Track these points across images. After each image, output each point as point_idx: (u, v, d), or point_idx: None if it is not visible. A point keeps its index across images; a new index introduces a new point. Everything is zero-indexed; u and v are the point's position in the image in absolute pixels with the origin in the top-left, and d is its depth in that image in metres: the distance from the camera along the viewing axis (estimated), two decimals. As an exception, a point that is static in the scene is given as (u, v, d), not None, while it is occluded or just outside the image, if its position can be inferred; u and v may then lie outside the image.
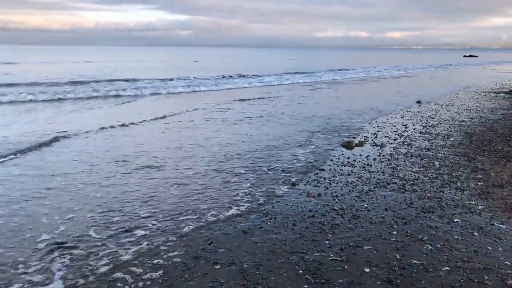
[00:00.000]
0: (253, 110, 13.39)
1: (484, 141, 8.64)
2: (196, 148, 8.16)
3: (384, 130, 10.14)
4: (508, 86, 21.88)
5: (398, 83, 24.85)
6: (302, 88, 21.43)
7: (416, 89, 20.62)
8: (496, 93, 18.18)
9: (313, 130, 10.02)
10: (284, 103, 15.15)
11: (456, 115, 12.18)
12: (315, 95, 18.12)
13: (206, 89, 19.97)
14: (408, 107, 14.11)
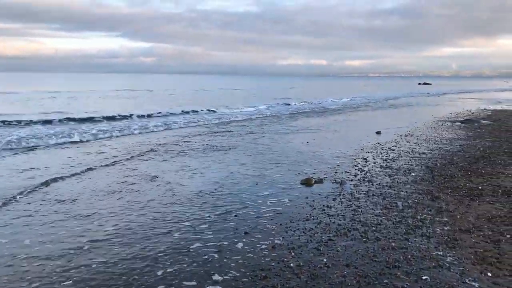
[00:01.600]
0: (199, 143, 12.78)
1: (446, 176, 8.35)
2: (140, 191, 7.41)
3: (344, 164, 9.73)
4: (462, 114, 22.37)
5: (358, 113, 24.98)
6: (260, 120, 21.06)
7: (376, 119, 20.69)
8: (452, 122, 18.42)
9: (269, 166, 9.47)
10: (238, 137, 14.63)
11: (416, 147, 12.00)
12: (271, 128, 17.75)
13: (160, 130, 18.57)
14: (368, 138, 13.89)
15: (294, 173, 8.75)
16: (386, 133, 15.01)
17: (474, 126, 17.00)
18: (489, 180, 7.99)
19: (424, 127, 16.77)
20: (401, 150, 11.52)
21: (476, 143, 12.47)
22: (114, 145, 12.39)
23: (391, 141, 13.14)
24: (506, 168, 9.05)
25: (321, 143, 12.75)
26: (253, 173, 8.74)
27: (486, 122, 18.31)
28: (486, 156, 10.40)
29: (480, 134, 14.55)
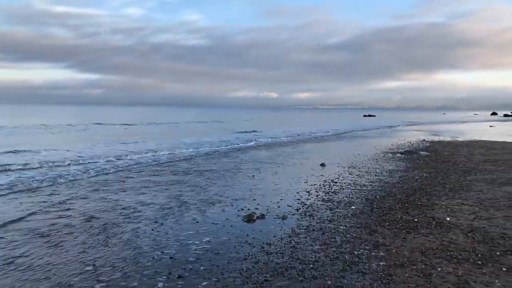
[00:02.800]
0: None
1: (384, 208, 8.52)
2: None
3: (288, 197, 9.73)
4: (403, 145, 23.33)
5: (305, 145, 25.40)
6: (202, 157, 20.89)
7: (322, 151, 21.10)
8: (393, 153, 19.11)
9: (211, 202, 9.28)
10: (181, 174, 14.36)
11: (357, 179, 12.27)
12: (219, 162, 17.63)
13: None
14: (312, 170, 14.07)
15: (236, 209, 8.61)
16: (330, 165, 15.29)
17: (413, 157, 17.73)
18: (425, 212, 8.24)
19: (367, 158, 17.26)
20: (344, 182, 11.72)
21: (414, 175, 12.95)
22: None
23: (335, 173, 13.37)
24: (440, 199, 9.40)
25: (267, 176, 12.74)
26: (194, 210, 8.50)
27: (424, 153, 19.17)
28: (423, 187, 10.78)
29: (419, 165, 15.15)
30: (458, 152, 19.30)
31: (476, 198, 9.41)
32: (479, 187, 10.78)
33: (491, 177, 12.30)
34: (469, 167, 14.44)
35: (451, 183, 11.39)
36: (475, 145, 23.00)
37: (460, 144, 23.89)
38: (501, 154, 18.48)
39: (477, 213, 8.09)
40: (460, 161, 16.12)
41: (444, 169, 14.07)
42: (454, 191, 10.24)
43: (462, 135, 33.92)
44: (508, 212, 8.16)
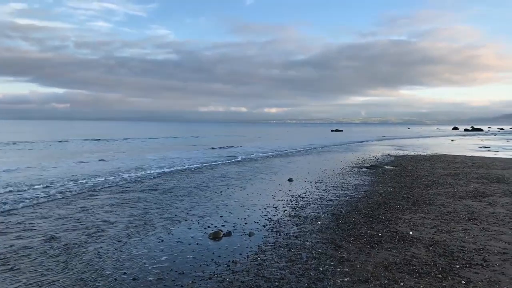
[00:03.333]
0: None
1: (349, 223, 8.63)
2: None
3: (255, 213, 9.71)
4: (368, 160, 23.81)
5: (273, 160, 25.48)
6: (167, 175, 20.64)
7: (290, 166, 21.23)
8: (359, 168, 19.47)
9: (178, 220, 9.15)
10: (149, 191, 14.13)
11: (324, 194, 12.40)
12: (187, 179, 17.45)
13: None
14: (280, 185, 14.13)
15: (203, 227, 8.51)
16: (298, 180, 15.41)
17: (379, 171, 18.11)
18: (389, 226, 8.40)
19: (334, 173, 17.50)
20: (310, 197, 11.82)
21: (379, 189, 13.21)
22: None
23: (302, 188, 13.48)
24: (404, 213, 9.61)
25: (235, 192, 12.69)
26: (159, 229, 8.35)
27: (389, 167, 19.62)
28: (387, 201, 11.01)
29: (383, 179, 15.48)
30: (421, 166, 19.86)
31: (437, 212, 9.68)
32: (441, 200, 11.10)
33: (452, 190, 12.70)
34: (431, 181, 14.87)
35: (414, 197, 11.69)
36: (437, 159, 23.75)
37: (423, 158, 24.60)
38: (461, 168, 19.13)
39: (438, 226, 8.32)
40: (423, 175, 16.59)
41: (407, 183, 14.43)
42: (417, 205, 10.50)
43: (425, 149, 34.96)
44: (467, 225, 8.43)
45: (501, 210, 9.78)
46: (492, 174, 16.45)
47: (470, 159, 24.26)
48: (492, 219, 8.89)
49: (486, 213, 9.53)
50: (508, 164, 20.78)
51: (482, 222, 8.63)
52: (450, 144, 43.88)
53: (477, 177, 15.75)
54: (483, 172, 17.37)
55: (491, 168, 19.01)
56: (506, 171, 17.60)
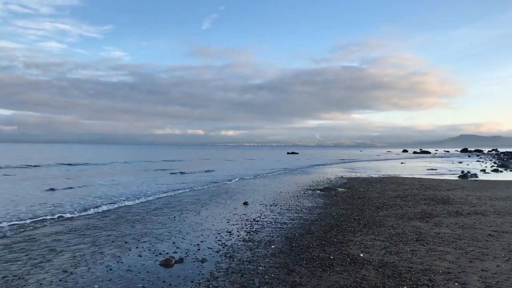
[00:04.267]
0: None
1: (302, 247, 8.69)
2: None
3: (208, 239, 9.58)
4: (322, 182, 24.24)
5: (229, 184, 25.38)
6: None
7: (246, 189, 21.21)
8: (313, 191, 19.76)
9: (128, 247, 8.86)
10: (100, 215, 13.65)
11: (279, 217, 12.46)
12: (134, 205, 17.00)
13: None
14: (235, 209, 14.05)
15: (154, 254, 8.29)
16: (253, 203, 15.40)
17: (332, 194, 18.46)
18: (340, 248, 8.53)
19: (288, 196, 17.65)
20: (265, 221, 11.83)
21: (331, 211, 13.44)
22: None
23: (257, 211, 13.48)
24: (355, 235, 9.81)
25: (189, 217, 12.48)
26: (108, 257, 8.04)
27: (342, 189, 20.06)
28: (339, 224, 11.21)
29: (336, 201, 15.79)
30: (372, 188, 20.45)
31: (387, 233, 9.95)
32: (390, 222, 11.44)
33: (401, 212, 13.13)
34: (381, 202, 15.33)
35: (365, 219, 11.98)
36: (388, 181, 24.56)
37: (375, 181, 25.36)
38: (410, 189, 19.88)
39: (387, 248, 8.54)
40: (374, 197, 17.07)
41: (359, 205, 14.79)
42: (368, 227, 10.75)
43: (376, 171, 36.09)
44: (415, 246, 8.72)
45: (446, 231, 10.20)
46: (439, 196, 17.19)
47: (419, 181, 25.28)
48: (438, 240, 9.24)
49: (432, 233, 9.90)
50: (453, 186, 21.82)
51: (428, 243, 8.95)
52: (400, 167, 45.56)
53: (424, 198, 16.40)
54: (430, 193, 18.12)
55: (438, 189, 19.88)
56: (451, 192, 18.45)
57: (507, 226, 10.62)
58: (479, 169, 37.51)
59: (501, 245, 8.63)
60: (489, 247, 8.51)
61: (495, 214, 12.54)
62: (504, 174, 33.01)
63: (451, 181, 25.13)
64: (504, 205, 14.39)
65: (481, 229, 10.35)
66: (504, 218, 11.85)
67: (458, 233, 9.92)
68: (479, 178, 28.48)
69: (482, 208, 13.63)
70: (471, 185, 22.50)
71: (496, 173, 33.52)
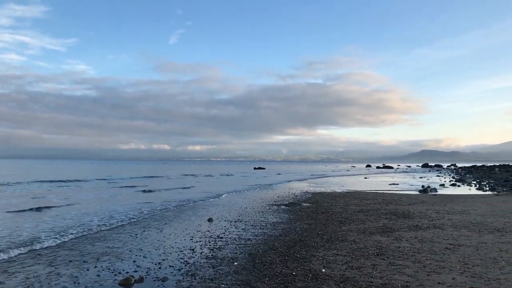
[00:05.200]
0: None
1: (266, 263, 8.68)
2: None
3: (171, 257, 9.41)
4: (287, 198, 24.37)
5: (195, 200, 25.10)
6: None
7: (211, 205, 21.04)
8: (278, 206, 19.83)
9: (85, 266, 8.57)
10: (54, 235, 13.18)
11: (243, 233, 12.41)
12: (96, 220, 16.54)
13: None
14: (199, 226, 13.90)
15: (113, 273, 8.05)
16: (218, 220, 15.28)
17: (296, 209, 18.58)
18: (303, 264, 8.57)
19: (254, 211, 17.63)
20: (229, 237, 11.75)
21: (296, 226, 13.52)
22: None
23: (221, 228, 13.38)
24: (318, 250, 9.89)
25: (151, 235, 12.24)
26: (64, 277, 7.74)
27: (306, 204, 20.23)
28: (303, 239, 11.28)
29: (300, 216, 15.90)
30: (336, 203, 20.75)
31: (349, 248, 10.09)
32: (353, 237, 11.61)
33: (363, 226, 13.37)
34: (344, 217, 15.56)
35: (328, 233, 12.11)
36: (351, 196, 24.99)
37: (338, 195, 25.75)
38: (372, 204, 20.29)
39: (349, 263, 8.65)
40: (337, 211, 17.31)
41: (323, 220, 14.95)
42: (331, 242, 10.87)
43: (341, 186, 36.67)
44: (376, 260, 8.87)
45: (406, 245, 10.45)
46: (400, 210, 17.62)
47: (381, 195, 25.86)
48: (398, 254, 9.45)
49: (393, 248, 10.11)
50: (414, 200, 22.44)
51: (389, 257, 9.13)
52: (364, 181, 46.49)
53: (386, 213, 16.77)
54: (392, 208, 18.55)
55: (399, 204, 20.39)
56: (411, 207, 18.97)
57: (462, 239, 11.00)
58: (438, 184, 38.78)
59: (457, 258, 8.92)
60: (446, 260, 8.78)
61: (452, 227, 12.98)
62: (462, 188, 34.28)
63: (412, 196, 25.85)
64: (460, 218, 14.91)
65: (438, 242, 10.67)
66: (460, 231, 12.28)
67: (417, 246, 10.18)
68: (439, 192, 29.45)
69: (440, 222, 14.07)
70: (431, 199, 23.22)
71: (454, 188, 34.76)
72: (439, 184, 38.05)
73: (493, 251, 9.54)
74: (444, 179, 48.86)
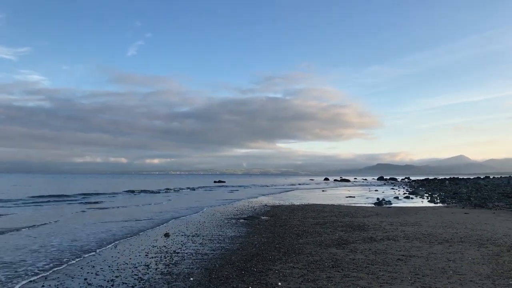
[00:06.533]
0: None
1: (222, 278, 8.60)
2: None
3: (124, 274, 9.14)
4: (246, 211, 24.35)
5: (152, 213, 24.58)
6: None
7: (168, 220, 20.66)
8: (237, 219, 19.76)
9: (32, 285, 8.17)
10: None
11: (200, 248, 12.26)
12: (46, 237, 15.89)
13: None
14: (155, 241, 13.60)
15: (62, 292, 7.71)
16: (175, 234, 15.01)
17: (255, 222, 18.58)
18: (259, 278, 8.56)
19: (212, 225, 17.47)
20: (186, 252, 11.57)
21: (253, 240, 13.50)
22: None
23: (178, 243, 13.15)
24: (274, 263, 9.91)
25: (103, 251, 11.85)
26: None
27: (265, 218, 20.28)
28: (260, 252, 11.28)
29: (259, 230, 15.90)
30: (294, 216, 20.93)
31: (305, 261, 10.17)
32: (309, 249, 11.73)
33: (320, 239, 13.54)
34: (302, 230, 15.71)
35: (286, 246, 12.18)
36: (309, 209, 25.30)
37: (297, 208, 26.00)
38: (329, 216, 20.62)
39: (305, 275, 8.72)
40: (295, 224, 17.46)
41: (280, 233, 15.02)
42: (288, 255, 10.93)
43: (299, 199, 37.05)
44: (331, 272, 8.99)
45: (360, 256, 10.67)
46: (355, 222, 18.01)
47: (338, 208, 26.34)
48: (352, 266, 9.62)
49: (348, 260, 10.30)
50: (369, 213, 23.01)
51: (343, 269, 9.28)
52: (322, 194, 47.21)
53: (342, 225, 17.08)
54: (348, 220, 18.93)
55: (355, 216, 20.84)
56: (366, 219, 19.43)
57: (414, 250, 11.37)
58: (393, 197, 39.97)
59: (408, 269, 9.20)
60: (398, 271, 9.03)
61: (404, 239, 13.39)
62: (415, 200, 35.50)
63: (367, 208, 26.50)
64: (412, 230, 15.42)
65: (391, 254, 10.97)
66: (412, 242, 12.69)
67: (371, 258, 10.42)
68: (393, 205, 30.34)
69: (394, 234, 14.49)
70: (385, 212, 23.89)
71: (408, 200, 35.95)
72: (394, 197, 39.23)
73: (442, 261, 9.92)
74: (398, 192, 50.45)
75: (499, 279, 8.30)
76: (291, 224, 17.49)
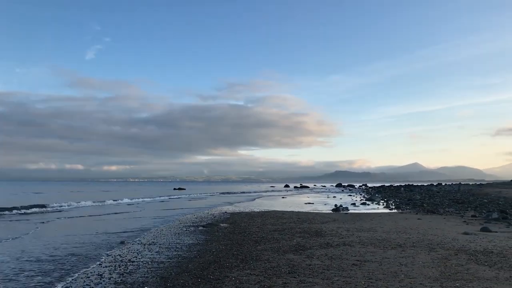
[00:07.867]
0: None
1: (177, 286, 8.48)
2: None
3: (75, 284, 8.82)
4: (206, 218, 24.15)
5: (108, 220, 23.93)
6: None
7: (125, 228, 20.16)
8: (196, 227, 19.56)
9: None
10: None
11: (156, 256, 12.03)
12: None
13: None
14: (110, 250, 13.22)
15: (7, 304, 7.34)
16: (130, 242, 14.66)
17: (214, 229, 18.45)
18: (216, 285, 8.49)
19: (170, 233, 17.20)
20: (141, 261, 11.32)
21: (211, 247, 13.40)
22: None
23: (134, 251, 12.85)
24: (232, 271, 9.87)
25: (56, 260, 11.39)
26: None
27: (224, 225, 20.19)
28: (217, 260, 11.20)
29: (217, 237, 15.81)
30: (253, 223, 20.96)
31: (262, 267, 10.20)
32: (267, 256, 11.77)
33: (278, 245, 13.62)
34: (260, 236, 15.75)
35: (244, 253, 12.16)
36: (268, 216, 25.41)
37: (256, 215, 26.06)
38: (288, 223, 20.80)
39: (261, 282, 8.73)
40: (254, 231, 17.48)
41: (239, 240, 14.99)
42: (245, 262, 10.92)
43: (259, 206, 37.16)
44: (287, 278, 9.06)
45: (317, 262, 10.81)
46: (313, 228, 18.25)
47: (296, 214, 26.61)
48: (308, 271, 9.74)
49: (304, 265, 10.41)
50: (327, 219, 23.39)
51: (300, 275, 9.37)
52: (281, 201, 47.58)
53: (300, 231, 17.27)
54: (306, 226, 19.16)
55: (313, 222, 21.12)
56: (324, 225, 19.74)
57: (368, 255, 11.65)
58: (350, 203, 40.85)
59: (363, 273, 9.41)
60: (352, 275, 9.22)
61: (360, 244, 13.70)
62: (371, 206, 36.46)
63: (325, 214, 26.94)
64: (368, 235, 15.81)
65: (347, 259, 11.19)
66: (367, 248, 13.00)
67: (327, 264, 10.58)
68: (350, 211, 31.01)
69: (350, 239, 14.79)
70: (342, 217, 24.38)
71: (364, 206, 36.86)
72: (351, 203, 40.11)
73: (394, 266, 10.22)
74: (356, 198, 51.63)
75: (446, 281, 8.65)
76: (250, 231, 17.50)
